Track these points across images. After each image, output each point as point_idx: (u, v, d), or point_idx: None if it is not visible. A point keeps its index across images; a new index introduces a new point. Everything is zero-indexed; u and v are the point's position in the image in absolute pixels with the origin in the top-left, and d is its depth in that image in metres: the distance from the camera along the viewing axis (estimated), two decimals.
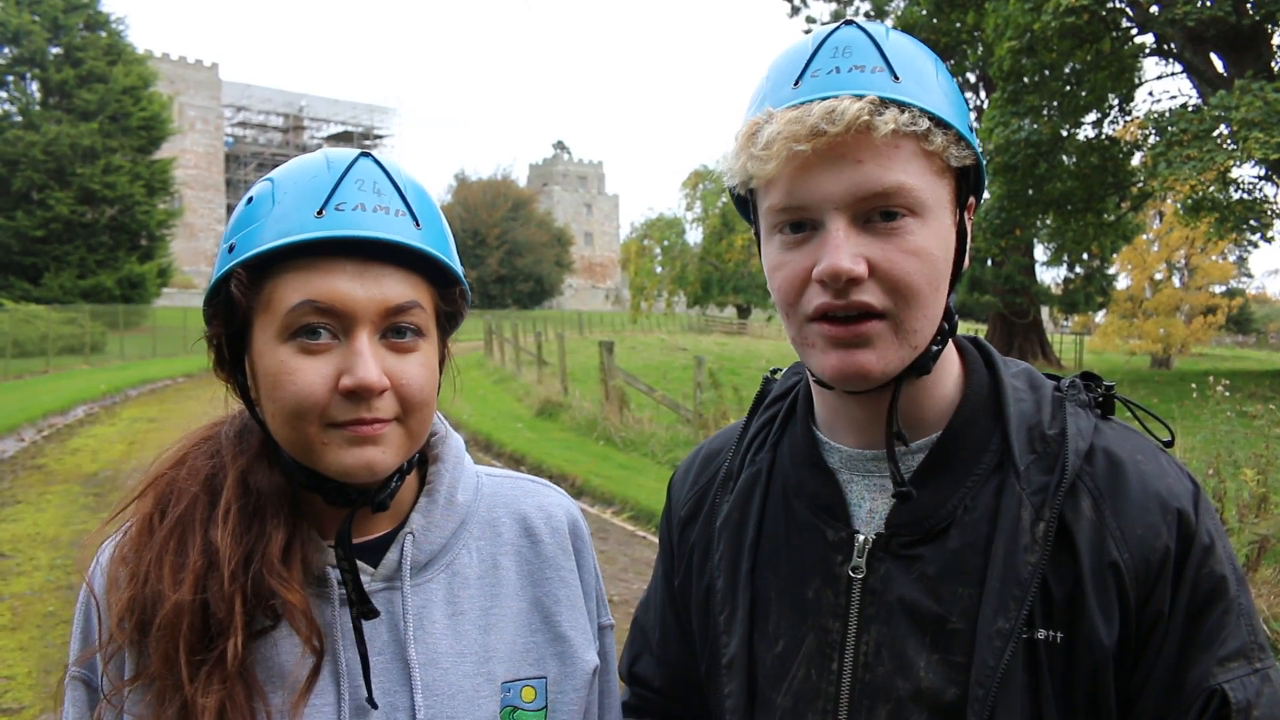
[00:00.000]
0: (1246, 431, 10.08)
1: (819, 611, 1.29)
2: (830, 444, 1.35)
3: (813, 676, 1.28)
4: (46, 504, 11.37)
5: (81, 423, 18.91)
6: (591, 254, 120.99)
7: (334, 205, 1.17)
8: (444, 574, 1.34)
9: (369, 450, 1.19)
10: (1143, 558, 1.15)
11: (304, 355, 1.17)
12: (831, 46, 1.18)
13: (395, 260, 1.20)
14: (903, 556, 1.24)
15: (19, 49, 48.22)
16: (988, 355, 1.35)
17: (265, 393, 1.20)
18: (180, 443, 1.35)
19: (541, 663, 1.37)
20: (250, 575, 1.20)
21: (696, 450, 1.60)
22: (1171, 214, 37.14)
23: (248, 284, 1.20)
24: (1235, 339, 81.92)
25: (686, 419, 15.04)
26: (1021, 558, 1.17)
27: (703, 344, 41.92)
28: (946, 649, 1.20)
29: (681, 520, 1.53)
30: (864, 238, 1.14)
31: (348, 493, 1.25)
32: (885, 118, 1.11)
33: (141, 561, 1.23)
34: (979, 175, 1.25)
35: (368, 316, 1.18)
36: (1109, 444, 1.23)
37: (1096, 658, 1.15)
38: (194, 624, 1.18)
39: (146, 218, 50.81)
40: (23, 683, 6.00)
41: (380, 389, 1.17)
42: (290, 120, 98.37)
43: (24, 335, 32.72)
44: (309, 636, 1.21)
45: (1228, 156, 17.52)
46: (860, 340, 1.17)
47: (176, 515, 1.24)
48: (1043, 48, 21.60)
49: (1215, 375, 11.20)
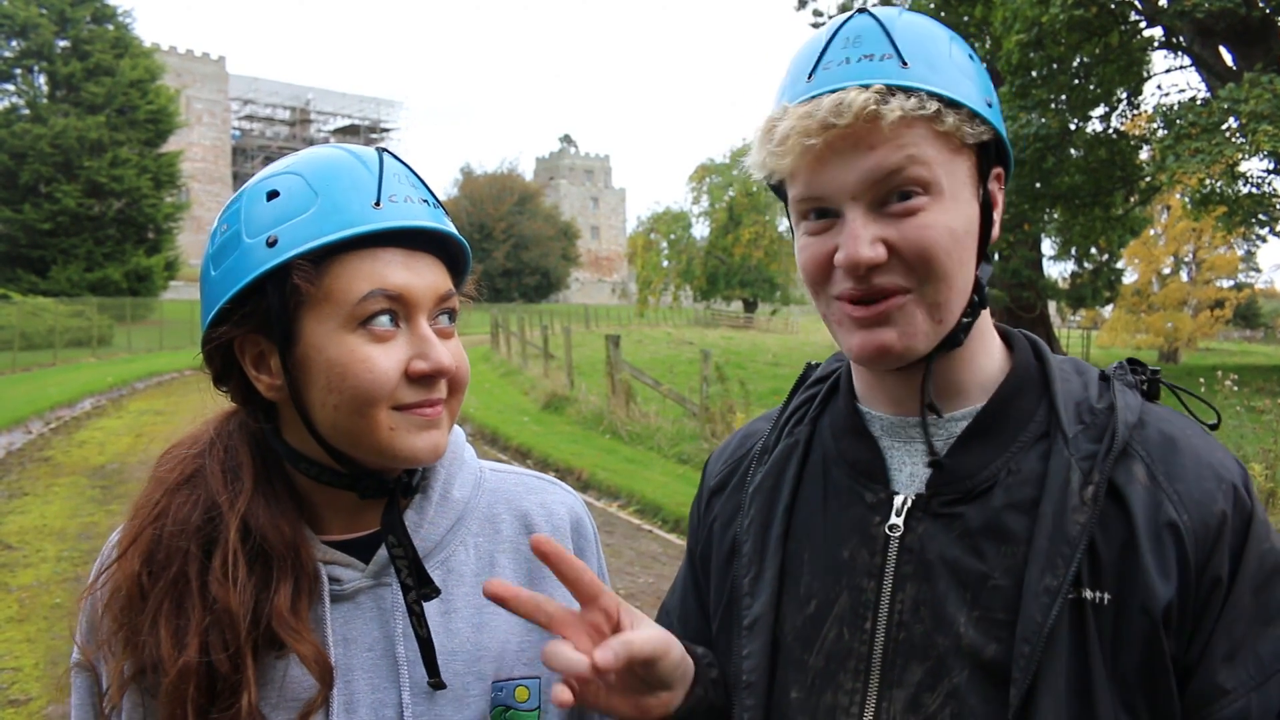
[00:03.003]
0: (1254, 426, 10.07)
1: (853, 571, 1.29)
2: (871, 413, 1.36)
3: (845, 636, 1.27)
4: (54, 496, 11.41)
5: (89, 415, 18.97)
6: (598, 248, 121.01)
7: (386, 197, 1.20)
8: (438, 571, 1.33)
9: (434, 433, 1.23)
10: (1202, 520, 1.15)
11: (374, 343, 1.18)
12: (843, 37, 1.21)
13: (430, 249, 1.25)
14: (942, 515, 1.25)
15: (26, 42, 48.29)
16: (1035, 344, 1.36)
17: (326, 384, 1.18)
18: (154, 490, 1.30)
19: (535, 663, 1.35)
20: (260, 631, 1.19)
21: (736, 432, 1.62)
22: (1179, 208, 37.05)
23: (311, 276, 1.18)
24: (1243, 333, 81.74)
25: (693, 413, 15.03)
26: (1070, 517, 1.17)
27: (709, 338, 41.95)
28: (988, 606, 1.19)
29: (710, 490, 1.53)
30: (881, 222, 1.17)
31: (385, 482, 1.26)
32: (892, 105, 1.13)
33: (135, 626, 1.21)
34: (1003, 147, 1.26)
35: (426, 303, 1.22)
36: (1159, 420, 1.25)
37: (1152, 619, 1.14)
38: (200, 685, 1.17)
39: (154, 211, 50.90)
40: (30, 674, 6.02)
41: (452, 371, 1.22)
42: (297, 113, 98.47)
43: (31, 328, 32.84)
44: (320, 675, 1.21)
45: (1236, 150, 17.44)
46: (882, 319, 1.19)
47: (170, 578, 1.21)
48: (1051, 41, 21.51)
49: (1223, 370, 11.18)
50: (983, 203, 1.25)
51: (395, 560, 1.26)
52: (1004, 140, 1.26)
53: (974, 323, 1.26)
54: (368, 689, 1.25)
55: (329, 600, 1.26)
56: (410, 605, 1.25)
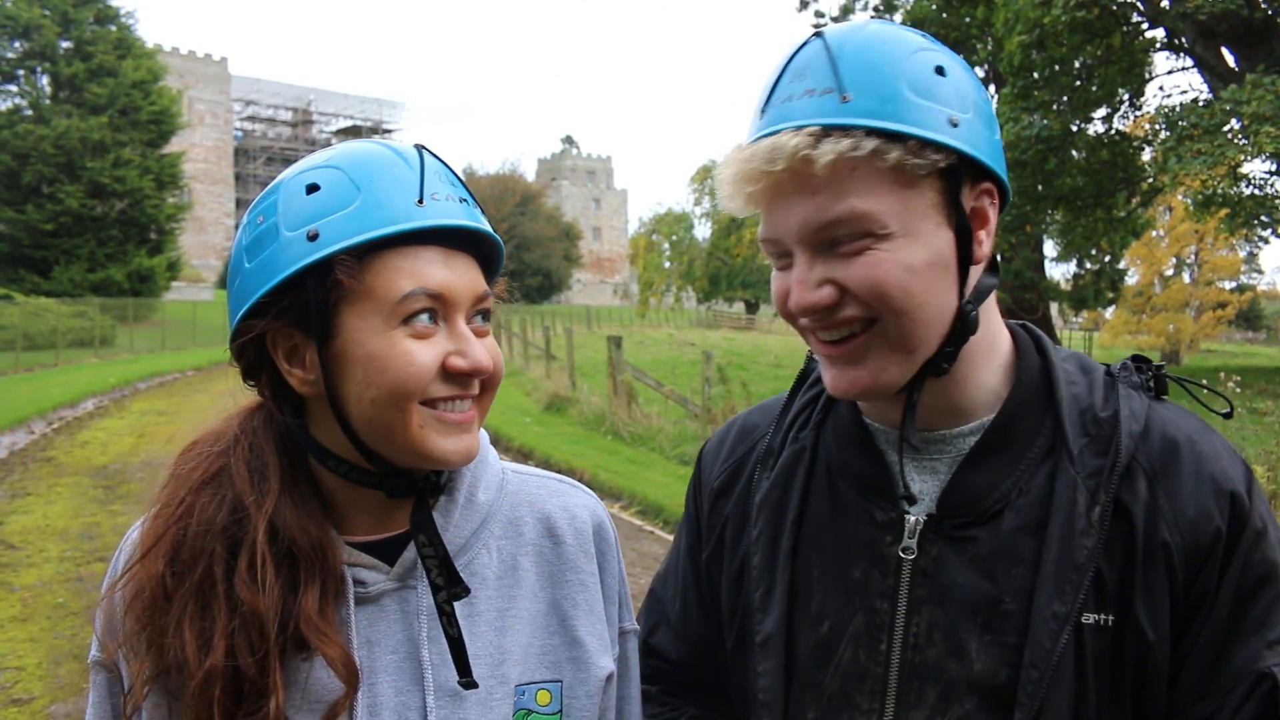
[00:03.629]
0: (1257, 428, 10.05)
1: (866, 592, 1.28)
2: (876, 425, 1.34)
3: (860, 657, 1.27)
4: (56, 496, 11.42)
5: (91, 415, 18.97)
6: (600, 249, 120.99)
7: (429, 195, 1.20)
8: (462, 574, 1.31)
9: (466, 437, 1.23)
10: (1193, 540, 1.15)
11: (415, 339, 1.18)
12: (793, 69, 1.18)
13: (466, 248, 1.25)
14: (955, 538, 1.24)
15: (29, 43, 48.35)
16: (1039, 341, 1.34)
17: (364, 378, 1.17)
18: (178, 488, 1.28)
19: (557, 666, 1.34)
20: (289, 634, 1.18)
21: (731, 423, 1.59)
22: (1182, 209, 37.02)
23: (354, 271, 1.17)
24: (1245, 335, 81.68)
25: (695, 414, 15.03)
26: (1078, 541, 1.17)
27: (711, 339, 41.90)
28: (1000, 630, 1.19)
29: (714, 492, 1.51)
30: (830, 262, 1.15)
31: (414, 480, 1.26)
32: (823, 149, 1.10)
33: (159, 628, 1.20)
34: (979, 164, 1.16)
35: (464, 302, 1.22)
36: (1163, 424, 1.23)
37: (1145, 641, 1.15)
38: (226, 687, 1.16)
39: (156, 211, 50.93)
40: (33, 673, 6.03)
41: (490, 370, 1.23)
42: (299, 114, 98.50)
43: (34, 328, 32.88)
44: (348, 677, 1.20)
45: (1238, 151, 17.46)
46: (852, 358, 1.19)
47: (195, 579, 1.20)
48: (1053, 42, 21.53)
49: (1225, 371, 11.17)
50: (959, 225, 1.18)
51: (425, 560, 1.25)
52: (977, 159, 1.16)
53: (958, 350, 1.22)
54: (391, 692, 1.25)
55: (354, 603, 1.26)
56: (440, 605, 1.24)
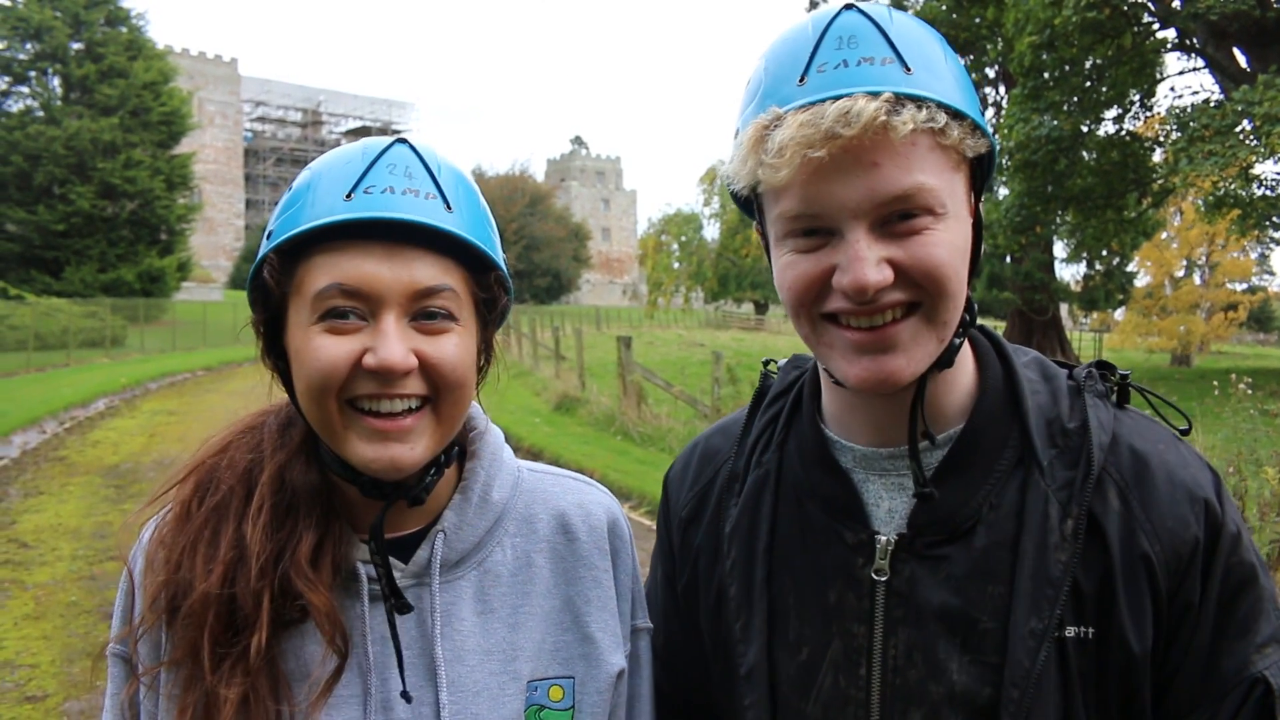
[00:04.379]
0: (1268, 430, 10.01)
1: (842, 616, 1.25)
2: (842, 442, 1.30)
3: (841, 683, 1.25)
4: (68, 495, 11.46)
5: (102, 415, 19.03)
6: (609, 249, 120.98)
7: (363, 188, 1.17)
8: (475, 571, 1.33)
9: (393, 446, 1.18)
10: (1173, 550, 1.14)
11: (329, 335, 1.17)
12: (835, 36, 1.11)
13: (427, 244, 1.19)
14: (928, 557, 1.21)
15: (41, 45, 48.53)
16: (998, 345, 1.31)
17: (295, 373, 1.21)
18: (226, 430, 1.36)
19: (569, 663, 1.35)
20: (279, 573, 1.21)
21: (692, 446, 1.54)
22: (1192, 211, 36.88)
23: (279, 269, 1.21)
24: (1256, 337, 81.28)
25: (704, 414, 15.02)
26: (1052, 556, 1.15)
27: (720, 339, 41.85)
28: (979, 649, 1.17)
29: (683, 521, 1.47)
30: (885, 242, 1.09)
31: (382, 486, 1.24)
32: (903, 117, 1.05)
33: (176, 547, 1.25)
34: (990, 160, 1.19)
35: (394, 299, 1.17)
36: (1131, 436, 1.21)
37: (1129, 652, 1.13)
38: (220, 615, 1.19)
39: (166, 212, 51.11)
40: (46, 670, 6.05)
41: (404, 369, 1.16)
42: (309, 115, 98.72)
43: (45, 328, 33.01)
44: (332, 637, 1.21)
45: (1250, 152, 17.39)
46: (887, 345, 1.13)
47: (212, 505, 1.26)
48: (1063, 43, 21.47)
49: (1237, 373, 11.13)
50: (975, 218, 1.18)
51: (376, 569, 1.26)
52: (994, 154, 1.18)
53: (962, 343, 1.22)
54: (406, 687, 1.26)
55: (368, 599, 1.26)
56: (388, 612, 1.26)
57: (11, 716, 5.43)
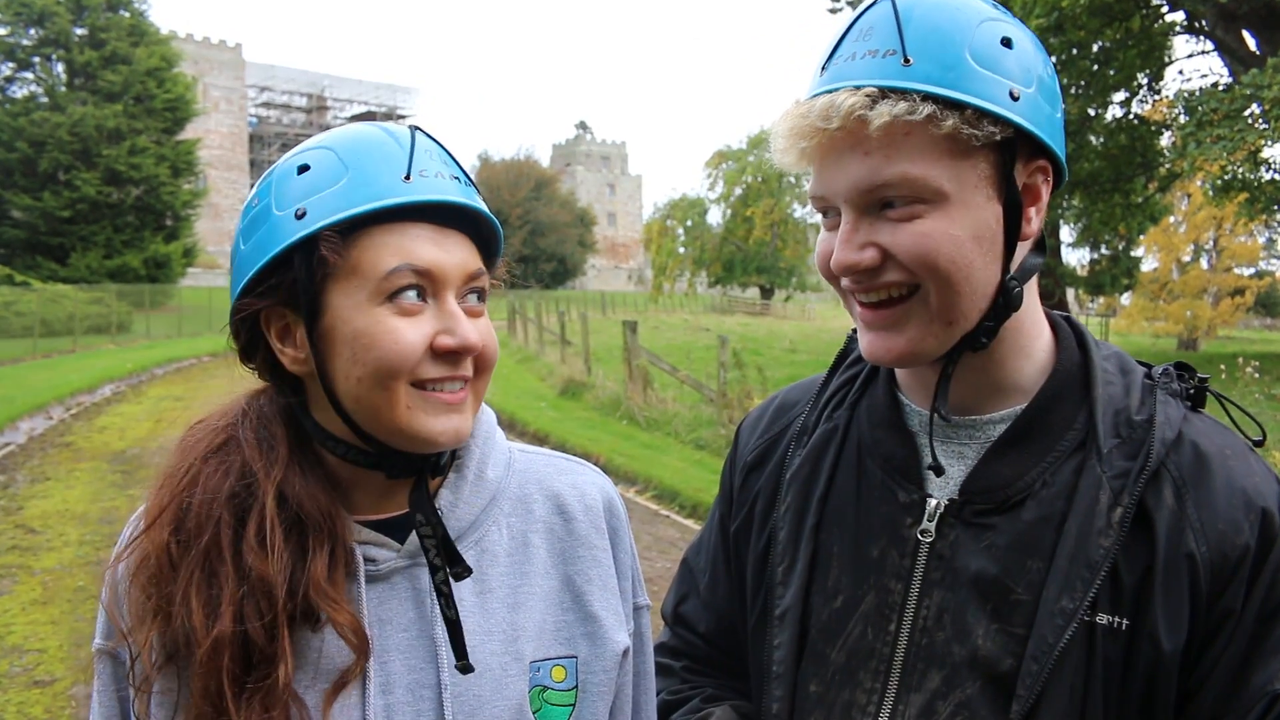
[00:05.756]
0: (1275, 414, 10.00)
1: (882, 571, 1.28)
2: (911, 406, 1.34)
3: (869, 635, 1.27)
4: (75, 481, 11.50)
5: (109, 401, 19.10)
6: (614, 234, 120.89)
7: (417, 171, 1.19)
8: (472, 551, 1.32)
9: (455, 418, 1.21)
10: (1221, 553, 1.13)
11: (401, 316, 1.17)
12: (858, 29, 1.17)
13: (461, 227, 1.23)
14: (974, 524, 1.24)
15: (44, 30, 48.44)
16: (1080, 333, 1.33)
17: (351, 355, 1.17)
18: (179, 460, 1.28)
19: (572, 642, 1.34)
20: (297, 601, 1.17)
21: (771, 399, 1.60)
22: (1200, 195, 36.76)
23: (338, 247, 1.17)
24: (1263, 321, 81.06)
25: (710, 399, 15.02)
26: (1095, 540, 1.16)
27: (726, 324, 41.89)
28: (1008, 619, 1.19)
29: (747, 465, 1.52)
30: (875, 225, 1.16)
31: (414, 461, 1.24)
32: (879, 110, 1.10)
33: (165, 596, 1.19)
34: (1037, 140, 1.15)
35: (454, 280, 1.20)
36: (1197, 435, 1.21)
37: (1159, 649, 1.13)
38: (235, 655, 1.15)
39: (171, 198, 51.05)
40: (54, 655, 6.08)
41: (479, 349, 1.21)
42: (314, 100, 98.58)
43: (51, 315, 33.06)
44: (358, 646, 1.19)
45: (1259, 136, 17.27)
46: (888, 323, 1.19)
47: (201, 546, 1.19)
48: (1071, 26, 21.33)
49: (1244, 357, 11.11)
50: (1009, 200, 1.16)
51: (424, 540, 1.24)
52: (1036, 134, 1.15)
53: (999, 326, 1.21)
54: (404, 670, 1.25)
55: (364, 580, 1.25)
56: (439, 587, 1.23)
57: (20, 701, 5.46)
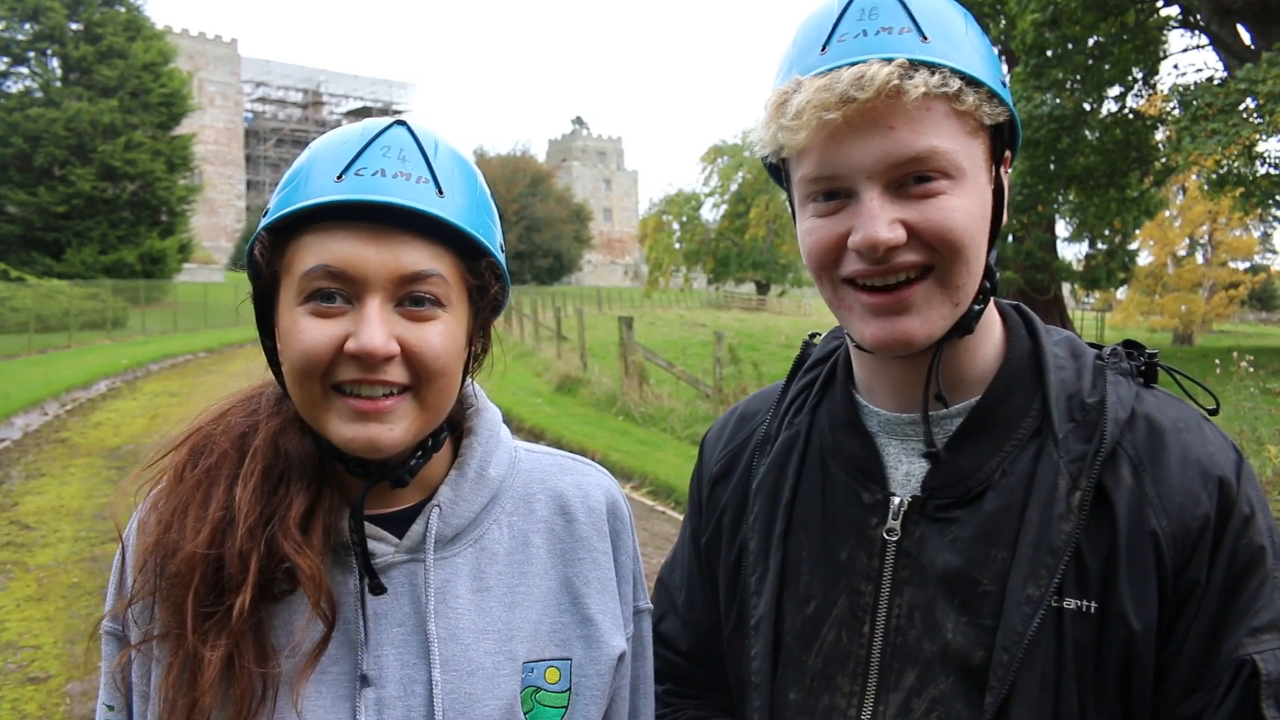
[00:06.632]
0: (1270, 408, 10.02)
1: (852, 573, 1.28)
2: (869, 407, 1.34)
3: (843, 639, 1.27)
4: (70, 477, 11.49)
5: (104, 397, 19.06)
6: (610, 230, 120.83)
7: (354, 170, 1.16)
8: (471, 549, 1.32)
9: (372, 426, 1.17)
10: (1182, 526, 1.14)
11: (315, 317, 1.17)
12: (858, 9, 1.16)
13: (416, 228, 1.18)
14: (938, 519, 1.24)
15: (39, 25, 48.33)
16: (1030, 321, 1.34)
17: (282, 353, 1.23)
18: (227, 399, 1.37)
19: (567, 644, 1.34)
20: (267, 536, 1.20)
21: (732, 410, 1.60)
22: (1196, 189, 36.79)
23: (270, 248, 1.21)
24: (1258, 315, 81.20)
25: (706, 394, 15.04)
26: (1056, 526, 1.16)
27: (722, 320, 41.87)
28: (976, 611, 1.19)
29: (713, 477, 1.51)
30: (899, 204, 1.14)
31: (365, 465, 1.24)
32: (915, 80, 1.10)
33: (167, 509, 1.25)
34: (1014, 130, 1.23)
35: (379, 283, 1.16)
36: (1150, 411, 1.22)
37: (1129, 629, 1.13)
38: (206, 576, 1.18)
39: (167, 194, 51.05)
40: (49, 652, 6.08)
41: (385, 355, 1.15)
42: (309, 96, 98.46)
43: (46, 310, 33.02)
44: (317, 601, 1.20)
45: (1254, 130, 17.27)
46: (902, 307, 1.17)
47: (206, 467, 1.26)
48: (1066, 20, 21.32)
49: (1239, 351, 11.12)
50: (995, 186, 1.22)
51: (354, 547, 1.26)
52: (1016, 124, 1.22)
53: (984, 310, 1.24)
54: (397, 665, 1.25)
55: (360, 574, 1.26)
56: (361, 591, 1.25)
57: (14, 698, 5.46)
